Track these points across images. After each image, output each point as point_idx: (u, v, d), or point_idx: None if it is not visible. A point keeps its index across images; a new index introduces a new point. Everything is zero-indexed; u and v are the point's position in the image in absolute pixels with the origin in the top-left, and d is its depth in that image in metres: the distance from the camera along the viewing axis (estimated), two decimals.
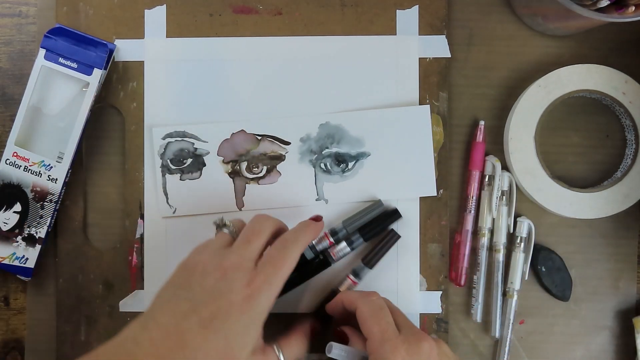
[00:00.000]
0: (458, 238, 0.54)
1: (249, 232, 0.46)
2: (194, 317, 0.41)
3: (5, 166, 0.52)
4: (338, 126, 0.53)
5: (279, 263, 0.44)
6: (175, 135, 0.53)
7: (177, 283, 0.44)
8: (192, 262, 0.44)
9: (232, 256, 0.44)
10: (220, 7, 0.54)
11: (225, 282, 0.42)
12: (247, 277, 0.43)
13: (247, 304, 0.42)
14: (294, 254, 0.45)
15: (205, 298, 0.42)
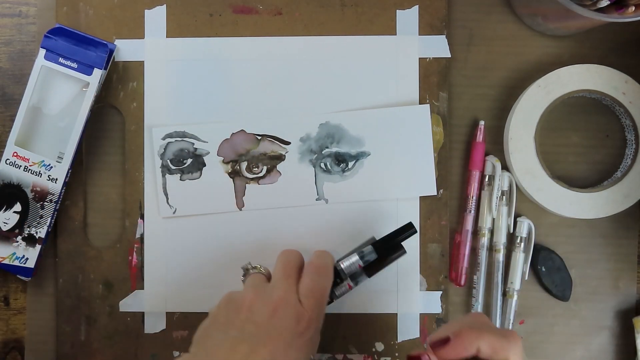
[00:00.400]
0: (458, 238, 0.54)
1: (285, 265, 0.46)
2: (255, 358, 0.40)
3: (5, 166, 0.52)
4: (338, 126, 0.53)
5: (316, 292, 0.44)
6: (175, 135, 0.53)
7: (226, 321, 0.43)
8: (239, 300, 0.44)
9: (278, 291, 0.44)
10: (220, 7, 0.54)
11: (277, 319, 0.42)
12: (297, 313, 0.43)
13: (301, 340, 0.42)
14: (327, 281, 0.46)
15: (262, 337, 0.41)
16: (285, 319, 0.42)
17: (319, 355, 0.54)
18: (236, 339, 0.41)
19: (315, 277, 0.45)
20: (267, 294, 0.44)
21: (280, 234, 0.53)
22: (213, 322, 0.44)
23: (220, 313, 0.44)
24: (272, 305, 0.43)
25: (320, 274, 0.46)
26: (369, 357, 0.53)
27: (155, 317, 0.54)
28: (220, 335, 0.42)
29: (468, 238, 0.53)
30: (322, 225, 0.53)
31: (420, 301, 0.53)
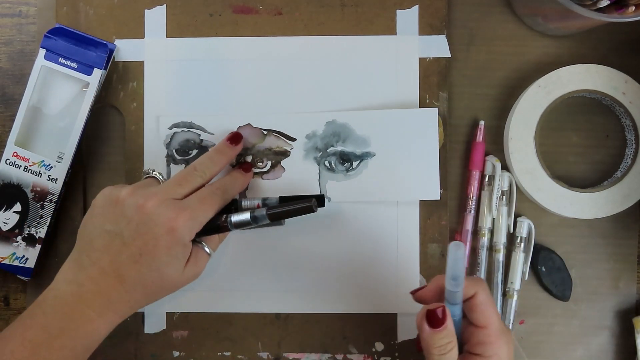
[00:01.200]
0: (458, 238, 0.54)
1: (182, 177, 0.47)
2: (126, 252, 0.44)
3: (5, 166, 0.52)
4: (344, 125, 0.53)
5: (205, 203, 0.46)
6: (182, 125, 0.53)
7: (103, 215, 0.45)
8: (116, 196, 0.46)
9: (159, 193, 0.45)
10: (220, 7, 0.54)
11: (148, 216, 0.44)
12: (172, 212, 0.44)
13: (170, 237, 0.44)
14: (221, 202, 0.47)
15: (132, 234, 0.44)
16: (155, 215, 0.44)
17: (319, 355, 0.54)
18: (110, 234, 0.44)
19: (208, 192, 0.47)
20: (147, 194, 0.45)
21: (281, 230, 0.53)
22: (91, 215, 0.46)
23: (98, 206, 0.46)
24: (147, 205, 0.44)
25: (214, 193, 0.47)
26: (369, 357, 0.54)
27: (155, 317, 0.54)
28: (96, 229, 0.45)
29: (468, 238, 0.53)
30: (323, 223, 0.53)
31: None
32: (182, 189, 0.46)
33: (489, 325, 0.42)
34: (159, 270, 0.44)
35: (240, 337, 0.54)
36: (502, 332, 0.42)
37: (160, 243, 0.44)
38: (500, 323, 0.43)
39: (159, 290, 0.46)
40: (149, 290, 0.45)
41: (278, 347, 0.54)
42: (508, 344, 0.42)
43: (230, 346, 0.54)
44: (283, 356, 0.54)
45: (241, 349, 0.54)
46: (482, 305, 0.42)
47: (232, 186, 0.50)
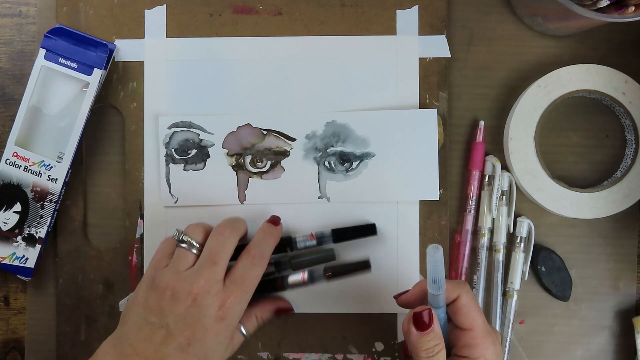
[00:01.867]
0: (458, 238, 0.54)
1: (213, 252, 0.46)
2: (172, 343, 0.43)
3: (5, 166, 0.52)
4: (344, 125, 0.53)
5: (245, 282, 0.46)
6: (182, 125, 0.53)
7: (147, 307, 0.45)
8: (161, 285, 0.45)
9: (201, 281, 0.44)
10: (220, 7, 0.54)
11: (197, 308, 0.44)
12: (218, 300, 0.44)
13: (220, 324, 0.44)
14: (259, 271, 0.47)
15: (180, 325, 0.43)
16: (203, 307, 0.44)
17: (319, 355, 0.54)
18: (154, 326, 0.44)
19: (247, 266, 0.47)
20: (189, 282, 0.44)
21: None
22: (135, 307, 0.45)
23: (141, 294, 0.46)
24: (192, 295, 0.44)
25: (254, 264, 0.47)
26: (369, 357, 0.54)
27: None
28: (139, 319, 0.44)
29: (468, 238, 0.53)
30: (322, 223, 0.53)
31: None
32: (219, 267, 0.45)
33: (474, 327, 0.43)
34: (206, 356, 0.44)
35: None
36: (487, 334, 0.43)
37: (210, 332, 0.44)
38: (485, 325, 0.43)
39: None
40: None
41: (278, 347, 0.54)
42: (495, 345, 0.43)
43: None
44: (283, 356, 0.54)
45: (241, 349, 0.54)
46: (465, 307, 0.43)
47: (268, 246, 0.48)
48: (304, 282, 0.51)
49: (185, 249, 0.47)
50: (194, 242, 0.47)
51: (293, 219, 0.53)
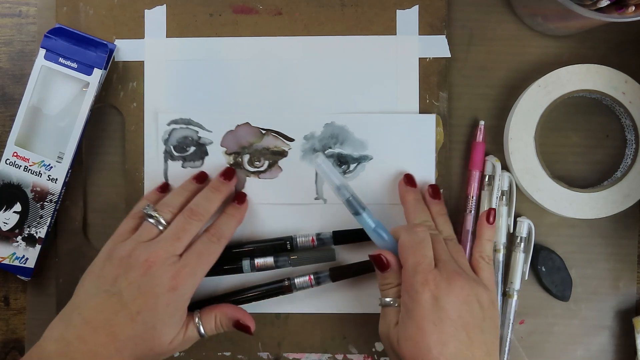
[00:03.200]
0: (458, 238, 0.54)
1: (179, 229, 0.47)
2: (123, 311, 0.44)
3: (5, 166, 0.52)
4: (343, 127, 0.53)
5: (202, 257, 0.47)
6: (181, 122, 0.53)
7: (102, 276, 0.46)
8: (118, 255, 0.46)
9: (159, 251, 0.45)
10: (220, 7, 0.54)
11: (150, 276, 0.44)
12: (172, 271, 0.45)
13: (172, 295, 0.44)
14: (217, 249, 0.48)
15: (133, 292, 0.44)
16: (157, 276, 0.44)
17: (319, 355, 0.54)
18: (107, 294, 0.45)
19: (206, 243, 0.48)
20: (147, 251, 0.45)
21: (277, 229, 0.53)
22: (90, 276, 0.46)
23: (98, 265, 0.47)
24: (148, 263, 0.45)
25: (213, 241, 0.48)
26: (369, 357, 0.54)
27: None
28: (93, 288, 0.46)
29: (468, 238, 0.53)
30: (318, 224, 0.53)
31: None
32: (181, 242, 0.47)
33: (403, 265, 0.45)
34: (155, 328, 0.44)
35: (240, 337, 0.54)
36: (417, 273, 0.44)
37: (161, 301, 0.44)
38: (417, 265, 0.44)
39: (147, 351, 0.45)
40: (139, 350, 0.44)
41: (278, 347, 0.54)
42: (423, 284, 0.43)
43: (230, 346, 0.54)
44: (283, 356, 0.54)
45: (241, 349, 0.54)
46: (399, 248, 0.46)
47: (228, 227, 0.50)
48: (310, 284, 0.51)
49: (151, 224, 0.48)
50: (161, 220, 0.48)
51: (289, 220, 0.53)
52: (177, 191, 0.50)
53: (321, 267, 0.53)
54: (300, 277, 0.52)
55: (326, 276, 0.51)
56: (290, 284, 0.52)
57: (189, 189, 0.51)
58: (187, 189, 0.51)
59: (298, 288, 0.52)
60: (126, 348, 0.44)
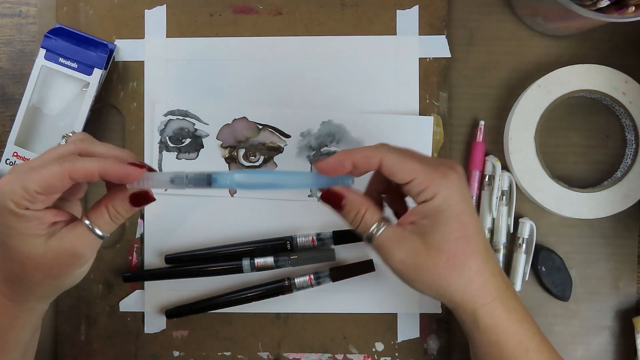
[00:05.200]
0: None
1: (45, 165, 0.39)
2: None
3: (6, 166, 0.52)
4: (340, 126, 0.53)
5: (34, 166, 0.39)
6: (178, 113, 0.54)
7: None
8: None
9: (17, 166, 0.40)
10: (220, 7, 0.54)
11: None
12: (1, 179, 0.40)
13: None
14: (58, 168, 0.38)
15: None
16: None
17: (319, 355, 0.54)
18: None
19: (25, 168, 0.39)
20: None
21: (269, 224, 0.53)
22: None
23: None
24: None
25: (59, 161, 0.39)
26: (369, 357, 0.54)
27: (155, 317, 0.54)
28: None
29: None
30: (311, 221, 0.53)
31: (420, 301, 0.53)
32: (38, 160, 0.40)
33: (414, 175, 0.40)
34: (3, 242, 0.40)
35: (240, 337, 0.54)
36: (433, 171, 0.40)
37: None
38: (426, 165, 0.40)
39: (21, 267, 0.40)
40: (13, 266, 0.40)
41: (278, 347, 0.54)
42: (446, 176, 0.40)
43: (230, 346, 0.54)
44: (283, 356, 0.54)
45: (241, 349, 0.54)
46: (395, 165, 0.40)
47: (86, 170, 0.39)
48: (310, 284, 0.52)
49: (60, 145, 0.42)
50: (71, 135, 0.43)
51: (282, 215, 0.53)
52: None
53: (321, 267, 0.53)
54: (300, 277, 0.52)
55: (326, 276, 0.52)
56: (290, 283, 0.52)
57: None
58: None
59: (298, 288, 0.52)
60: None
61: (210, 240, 0.53)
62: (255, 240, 0.53)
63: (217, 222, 0.53)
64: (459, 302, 0.42)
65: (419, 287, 0.42)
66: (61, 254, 0.40)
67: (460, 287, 0.41)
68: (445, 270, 0.40)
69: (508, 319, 0.42)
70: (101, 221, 0.41)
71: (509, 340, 0.42)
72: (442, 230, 0.40)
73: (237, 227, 0.53)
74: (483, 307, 0.42)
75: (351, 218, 0.42)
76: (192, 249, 0.53)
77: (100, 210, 0.41)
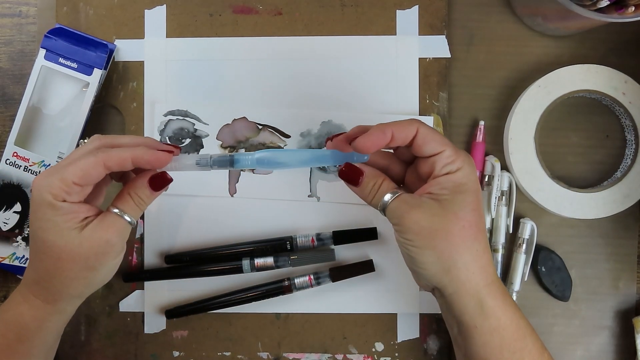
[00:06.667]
0: None
1: (80, 157, 0.42)
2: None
3: (6, 166, 0.52)
4: (340, 126, 0.53)
5: (71, 159, 0.41)
6: (178, 113, 0.54)
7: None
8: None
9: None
10: (220, 7, 0.54)
11: (34, 189, 0.42)
12: (39, 175, 0.42)
13: (34, 198, 0.41)
14: (92, 158, 0.41)
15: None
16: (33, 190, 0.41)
17: (319, 355, 0.54)
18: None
19: (62, 162, 0.42)
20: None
21: (269, 224, 0.53)
22: None
23: None
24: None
25: (92, 152, 0.42)
26: (369, 357, 0.54)
27: (155, 317, 0.54)
28: None
29: None
30: (311, 221, 0.53)
31: (420, 301, 0.53)
32: (69, 157, 0.42)
33: (445, 147, 0.42)
34: (39, 238, 0.41)
35: (240, 337, 0.54)
36: (460, 151, 0.42)
37: (30, 208, 0.42)
38: (454, 145, 0.42)
39: (57, 262, 0.41)
40: (48, 264, 0.42)
41: (278, 347, 0.54)
42: (468, 157, 0.42)
43: (230, 346, 0.54)
44: (283, 356, 0.54)
45: (241, 349, 0.54)
46: (429, 135, 0.42)
47: (120, 158, 0.41)
48: (310, 284, 0.52)
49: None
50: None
51: (281, 216, 0.53)
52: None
53: (321, 267, 0.53)
54: (300, 277, 0.52)
55: (326, 276, 0.52)
56: (290, 284, 0.52)
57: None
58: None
59: (298, 288, 0.52)
60: (34, 263, 0.42)
61: (210, 240, 0.53)
62: (255, 241, 0.53)
63: (217, 222, 0.53)
64: (464, 279, 0.41)
65: (427, 257, 0.41)
66: (95, 242, 0.42)
67: (468, 261, 0.41)
68: (459, 237, 0.41)
69: (505, 302, 0.42)
70: (127, 207, 0.43)
71: (509, 325, 0.42)
72: (462, 199, 0.41)
73: (237, 227, 0.53)
74: (485, 288, 0.41)
75: (368, 190, 0.43)
76: (192, 249, 0.53)
77: (125, 197, 0.43)
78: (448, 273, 0.41)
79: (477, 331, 0.42)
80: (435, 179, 0.42)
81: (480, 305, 0.41)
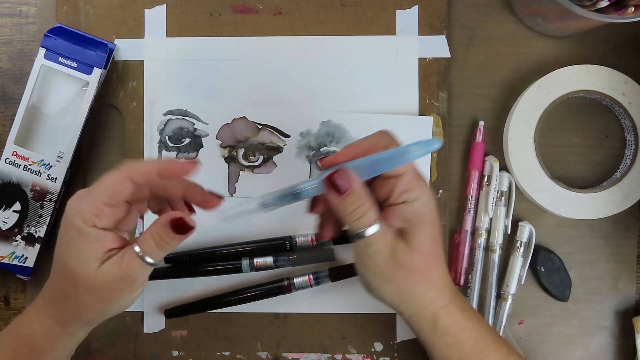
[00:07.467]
0: (457, 238, 0.54)
1: (107, 176, 0.41)
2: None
3: (5, 165, 0.52)
4: (339, 126, 0.53)
5: (101, 181, 0.41)
6: (177, 113, 0.54)
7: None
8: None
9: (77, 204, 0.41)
10: (220, 7, 0.54)
11: (64, 217, 0.41)
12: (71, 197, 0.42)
13: (63, 220, 0.41)
14: (121, 175, 0.40)
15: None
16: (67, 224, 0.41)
17: (318, 355, 0.54)
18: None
19: (94, 184, 0.41)
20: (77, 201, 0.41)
21: (269, 224, 0.53)
22: None
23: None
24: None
25: (119, 169, 0.41)
26: (368, 357, 0.54)
27: (154, 316, 0.54)
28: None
29: (467, 238, 0.53)
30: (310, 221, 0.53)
31: None
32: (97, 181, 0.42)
33: (406, 171, 0.41)
34: (60, 260, 0.42)
35: (239, 337, 0.54)
36: (420, 177, 0.42)
37: (60, 228, 0.41)
38: (416, 168, 0.42)
39: (73, 288, 0.41)
40: (65, 287, 0.42)
41: (277, 347, 0.54)
42: (425, 183, 0.42)
43: (230, 346, 0.54)
44: (282, 356, 0.54)
45: (240, 349, 0.54)
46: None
47: (147, 162, 0.42)
48: (310, 284, 0.52)
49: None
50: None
51: (281, 216, 0.53)
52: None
53: (320, 267, 0.53)
54: (300, 277, 0.52)
55: (325, 276, 0.52)
56: (290, 283, 0.52)
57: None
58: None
59: (297, 288, 0.52)
60: (52, 283, 0.43)
61: (210, 240, 0.54)
62: (255, 240, 0.53)
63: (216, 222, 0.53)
64: (421, 306, 0.43)
65: (386, 289, 0.43)
66: (111, 279, 0.41)
67: (425, 290, 0.43)
68: (419, 271, 0.42)
69: (463, 317, 0.44)
70: (148, 247, 0.41)
71: (467, 339, 0.44)
72: (422, 232, 0.42)
73: (237, 227, 0.53)
74: (442, 309, 0.43)
75: (351, 209, 0.40)
76: (191, 249, 0.53)
77: (147, 236, 0.41)
78: (405, 302, 0.43)
79: (436, 348, 0.44)
80: (394, 208, 0.41)
81: (435, 325, 0.44)
